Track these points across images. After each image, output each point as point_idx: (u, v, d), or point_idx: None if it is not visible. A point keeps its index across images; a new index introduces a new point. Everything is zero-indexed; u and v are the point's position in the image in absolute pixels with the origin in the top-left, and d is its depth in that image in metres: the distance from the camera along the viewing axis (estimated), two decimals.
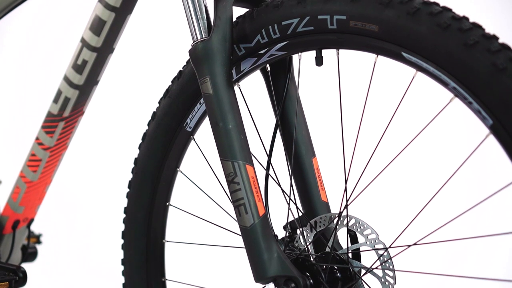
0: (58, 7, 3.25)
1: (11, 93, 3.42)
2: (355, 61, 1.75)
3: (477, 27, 1.01)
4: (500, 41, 0.99)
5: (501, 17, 2.68)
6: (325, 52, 1.22)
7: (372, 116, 1.54)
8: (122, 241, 1.57)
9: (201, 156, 1.43)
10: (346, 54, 1.22)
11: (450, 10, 1.04)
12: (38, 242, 2.02)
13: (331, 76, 1.35)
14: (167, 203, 1.52)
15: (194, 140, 1.44)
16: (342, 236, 1.28)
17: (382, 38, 1.08)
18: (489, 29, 1.02)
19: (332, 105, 1.77)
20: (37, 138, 1.75)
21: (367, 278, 1.24)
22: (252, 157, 1.23)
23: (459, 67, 0.99)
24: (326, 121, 2.12)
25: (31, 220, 1.89)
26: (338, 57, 1.20)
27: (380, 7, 1.07)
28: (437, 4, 1.06)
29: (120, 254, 1.57)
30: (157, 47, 3.18)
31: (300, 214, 1.33)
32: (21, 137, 2.53)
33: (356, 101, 1.39)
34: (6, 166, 2.71)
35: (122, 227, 1.56)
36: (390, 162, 1.20)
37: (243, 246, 1.22)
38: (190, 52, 1.25)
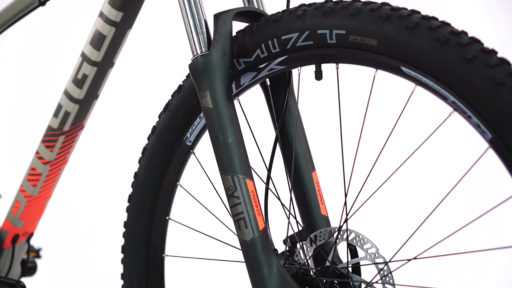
0: (59, 21, 3.26)
1: (11, 107, 3.42)
2: (354, 75, 1.75)
3: (475, 41, 1.01)
4: (499, 55, 0.99)
5: (501, 17, 2.69)
6: (324, 66, 1.22)
7: (372, 130, 1.54)
8: (121, 256, 1.57)
9: (201, 170, 1.43)
10: (346, 68, 1.22)
11: (448, 24, 1.05)
12: (38, 256, 2.02)
13: (331, 90, 1.36)
14: (167, 217, 1.52)
15: (194, 154, 1.45)
16: (342, 250, 1.28)
17: (381, 52, 1.08)
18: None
19: (331, 119, 1.77)
20: (37, 152, 1.75)
21: None
22: (252, 171, 1.23)
23: (458, 81, 0.99)
24: (325, 135, 2.12)
25: (31, 234, 1.89)
26: (337, 71, 1.20)
27: (379, 22, 1.08)
28: (436, 19, 1.06)
29: (120, 269, 1.57)
30: (157, 62, 3.19)
31: (300, 228, 1.33)
32: (21, 151, 2.54)
33: (356, 115, 1.39)
34: (6, 180, 2.71)
35: (121, 241, 1.56)
36: (390, 176, 1.20)
37: (243, 260, 1.22)
38: (190, 66, 1.26)
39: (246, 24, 1.31)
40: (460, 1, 2.81)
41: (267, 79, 1.31)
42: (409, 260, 1.17)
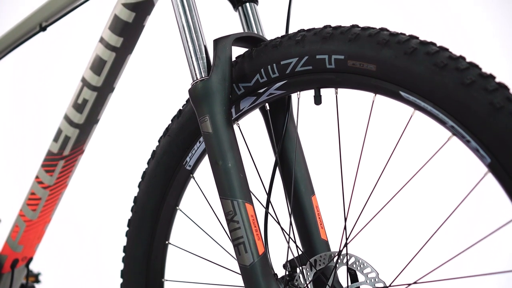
0: (59, 47, 3.27)
1: (11, 132, 3.43)
2: (353, 100, 1.76)
3: (473, 66, 1.02)
4: (497, 80, 1.00)
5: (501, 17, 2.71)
6: (323, 91, 1.22)
7: (371, 154, 1.55)
8: (121, 280, 1.56)
9: (200, 194, 1.43)
10: (345, 92, 1.23)
11: (447, 49, 1.05)
12: (37, 281, 2.01)
13: (330, 115, 1.36)
14: (167, 242, 1.52)
15: (194, 178, 1.45)
16: (342, 274, 1.28)
17: (380, 77, 1.09)
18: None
19: (331, 143, 1.77)
20: (37, 177, 1.75)
21: None
22: (252, 195, 1.23)
23: (457, 106, 0.99)
24: (325, 159, 2.12)
25: (30, 259, 1.89)
26: (336, 96, 1.21)
27: (378, 47, 1.08)
28: (434, 44, 1.07)
29: None
30: (156, 86, 3.20)
31: (300, 252, 1.33)
32: (21, 176, 2.54)
33: (355, 139, 1.40)
34: (6, 204, 2.71)
35: (121, 266, 1.55)
36: (389, 201, 1.20)
37: (243, 285, 1.21)
38: (190, 91, 1.26)
39: (246, 49, 1.31)
40: (460, 2, 2.84)
41: (267, 104, 1.32)
42: (409, 284, 1.17)
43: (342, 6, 3.00)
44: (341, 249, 1.25)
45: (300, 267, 1.31)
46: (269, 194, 1.37)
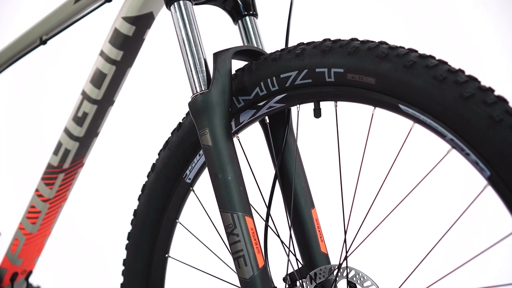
0: (60, 60, 3.28)
1: (11, 145, 3.43)
2: (353, 113, 1.76)
3: (472, 79, 1.02)
4: (496, 93, 1.00)
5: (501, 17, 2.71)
6: (323, 104, 1.23)
7: (371, 167, 1.55)
8: None
9: (200, 207, 1.43)
10: (344, 105, 1.23)
11: (446, 63, 1.06)
12: None
13: (330, 128, 1.36)
14: (166, 255, 1.52)
15: (194, 191, 1.45)
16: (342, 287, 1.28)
17: (379, 90, 1.09)
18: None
19: (330, 156, 1.77)
20: (36, 190, 1.76)
21: None
22: (252, 208, 1.23)
23: (456, 119, 1.00)
24: (325, 172, 2.12)
25: (30, 273, 1.89)
26: (336, 109, 1.21)
27: (377, 60, 1.09)
28: (433, 57, 1.07)
29: None
30: (156, 99, 3.21)
31: (300, 265, 1.33)
32: (21, 189, 2.54)
33: (355, 152, 1.40)
34: (6, 218, 2.71)
35: (121, 279, 1.55)
36: (389, 214, 1.20)
37: None
38: (190, 104, 1.26)
39: (245, 63, 1.32)
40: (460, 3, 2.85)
41: (266, 117, 1.32)
42: None
43: (341, 20, 3.01)
44: (341, 262, 1.25)
45: (300, 280, 1.31)
46: (269, 207, 1.37)
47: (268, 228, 1.35)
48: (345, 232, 1.24)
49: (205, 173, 1.33)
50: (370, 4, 3.04)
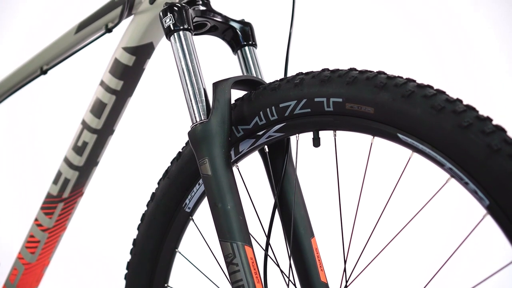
0: (60, 90, 3.30)
1: (10, 174, 3.43)
2: (352, 142, 1.76)
3: (470, 109, 1.02)
4: (494, 122, 1.01)
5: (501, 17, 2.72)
6: (322, 133, 1.23)
7: (370, 196, 1.55)
8: None
9: (200, 236, 1.43)
10: (343, 135, 1.23)
11: (443, 92, 1.06)
12: None
13: (329, 157, 1.37)
14: (166, 285, 1.51)
15: (193, 220, 1.45)
16: None
17: (378, 120, 1.09)
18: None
19: (330, 185, 1.77)
20: (36, 220, 1.75)
21: None
22: (251, 238, 1.23)
23: (454, 148, 1.00)
24: (324, 201, 2.12)
25: None
26: (335, 138, 1.21)
27: (376, 90, 1.09)
28: (431, 87, 1.08)
29: None
30: (156, 129, 3.21)
31: None
32: (20, 219, 2.53)
33: (354, 181, 1.40)
34: (5, 247, 2.70)
35: None
36: (389, 243, 1.20)
37: None
38: (189, 134, 1.27)
39: (245, 92, 1.32)
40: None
41: (266, 146, 1.32)
42: None
43: (339, 51, 3.03)
44: None
45: None
46: (268, 236, 1.37)
47: (268, 257, 1.35)
48: (345, 261, 1.24)
49: (205, 202, 1.33)
50: (369, 33, 3.06)
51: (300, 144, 1.28)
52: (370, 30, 3.08)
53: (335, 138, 1.22)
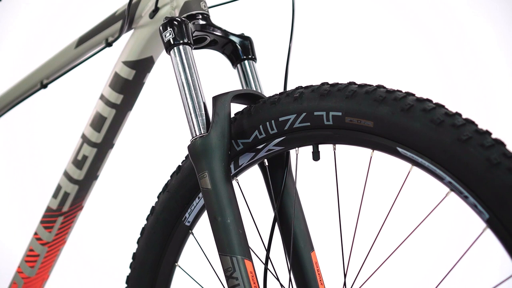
0: (60, 104, 3.30)
1: (10, 188, 3.43)
2: (351, 155, 1.77)
3: (470, 122, 1.03)
4: (493, 136, 1.01)
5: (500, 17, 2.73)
6: (322, 147, 1.23)
7: (370, 210, 1.55)
8: None
9: (199, 250, 1.43)
10: (343, 148, 1.24)
11: (443, 106, 1.06)
12: None
13: (328, 170, 1.37)
14: None
15: (193, 234, 1.44)
16: None
17: (377, 133, 1.10)
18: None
19: (329, 199, 1.77)
20: (35, 233, 1.75)
21: None
22: (251, 251, 1.23)
23: (454, 162, 1.00)
24: (324, 215, 2.12)
25: None
26: (334, 152, 1.22)
27: (375, 104, 1.10)
28: (430, 101, 1.08)
29: None
30: (156, 142, 3.22)
31: None
32: (20, 232, 2.53)
33: (353, 194, 1.40)
34: (4, 261, 2.69)
35: None
36: (389, 257, 1.19)
37: None
38: (189, 147, 1.27)
39: (244, 106, 1.33)
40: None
41: (265, 160, 1.32)
42: None
43: (339, 63, 3.04)
44: None
45: None
46: (268, 250, 1.36)
47: (268, 271, 1.35)
48: (345, 275, 1.24)
49: (204, 216, 1.33)
50: (369, 46, 3.07)
51: (300, 157, 1.28)
52: (370, 43, 3.09)
53: (334, 152, 1.22)
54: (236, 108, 1.32)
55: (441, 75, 2.90)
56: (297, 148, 1.26)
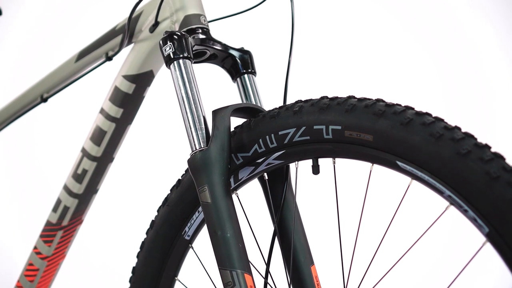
0: (60, 118, 3.30)
1: (9, 202, 3.43)
2: (351, 169, 1.77)
3: (469, 136, 1.03)
4: (493, 149, 1.01)
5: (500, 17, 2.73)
6: (321, 161, 1.23)
7: (370, 224, 1.55)
8: None
9: (199, 264, 1.42)
10: (342, 162, 1.24)
11: (442, 120, 1.07)
12: None
13: (328, 184, 1.37)
14: None
15: (192, 248, 1.44)
16: None
17: (376, 147, 1.10)
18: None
19: (329, 213, 1.77)
20: (35, 248, 1.75)
21: None
22: (251, 265, 1.23)
23: (453, 176, 1.00)
24: (324, 229, 2.12)
25: None
26: (334, 165, 1.22)
27: (374, 118, 1.10)
28: (430, 115, 1.08)
29: None
30: (156, 156, 3.22)
31: None
32: (19, 247, 2.52)
33: (353, 208, 1.40)
34: (4, 275, 2.69)
35: None
36: (389, 271, 1.19)
37: None
38: (189, 161, 1.27)
39: (244, 120, 1.33)
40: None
41: (265, 173, 1.32)
42: None
43: (339, 77, 3.04)
44: None
45: None
46: (268, 264, 1.36)
47: (268, 285, 1.34)
48: None
49: (204, 230, 1.33)
50: (368, 59, 3.08)
51: (300, 171, 1.28)
52: (369, 51, 3.09)
53: (334, 166, 1.22)
54: (236, 122, 1.32)
55: (441, 75, 2.90)
56: (296, 162, 1.26)
